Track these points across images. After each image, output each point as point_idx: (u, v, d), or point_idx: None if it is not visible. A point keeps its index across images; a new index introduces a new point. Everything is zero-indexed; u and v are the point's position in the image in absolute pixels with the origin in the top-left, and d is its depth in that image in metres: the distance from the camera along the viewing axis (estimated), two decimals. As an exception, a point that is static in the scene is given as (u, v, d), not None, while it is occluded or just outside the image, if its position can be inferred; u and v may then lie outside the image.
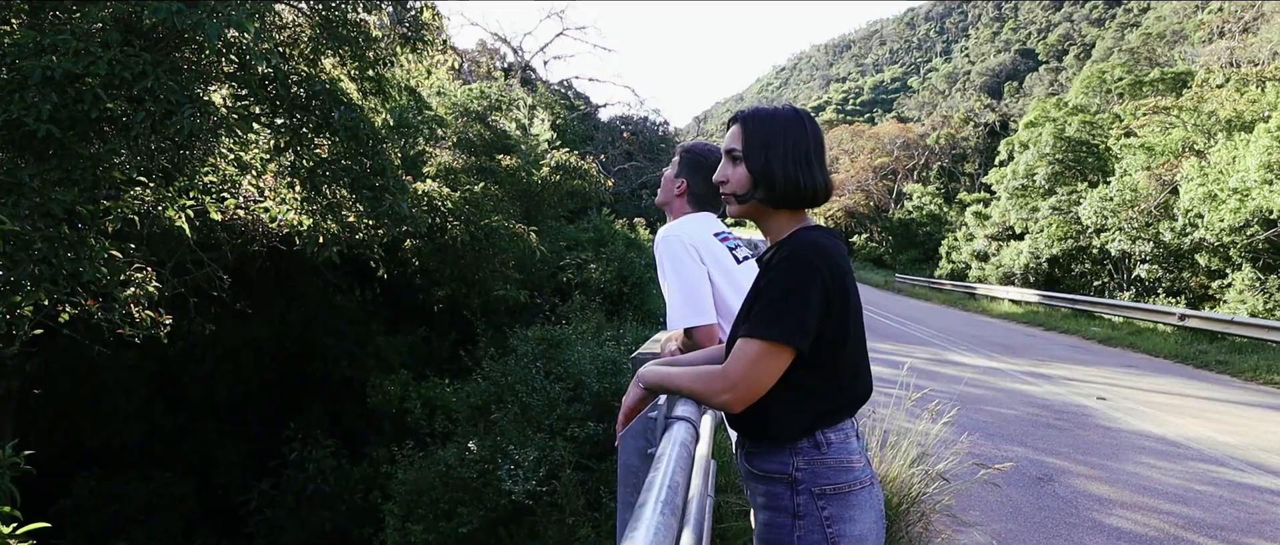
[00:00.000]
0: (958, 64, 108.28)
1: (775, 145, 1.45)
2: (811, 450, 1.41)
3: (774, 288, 1.34)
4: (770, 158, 1.44)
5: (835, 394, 1.42)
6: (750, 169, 1.46)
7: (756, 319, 1.34)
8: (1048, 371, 9.10)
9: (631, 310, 12.85)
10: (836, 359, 1.39)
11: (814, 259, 1.34)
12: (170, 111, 4.44)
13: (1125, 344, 11.72)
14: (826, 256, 1.35)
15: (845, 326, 1.38)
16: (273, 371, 9.86)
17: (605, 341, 7.53)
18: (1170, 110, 19.10)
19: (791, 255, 1.36)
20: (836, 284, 1.35)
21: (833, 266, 1.35)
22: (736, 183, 1.48)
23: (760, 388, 1.34)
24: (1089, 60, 58.75)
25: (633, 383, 1.69)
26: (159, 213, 5.10)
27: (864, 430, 4.31)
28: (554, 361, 7.03)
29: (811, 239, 1.40)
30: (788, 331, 1.31)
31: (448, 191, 7.89)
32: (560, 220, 13.86)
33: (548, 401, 6.22)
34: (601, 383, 6.47)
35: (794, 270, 1.34)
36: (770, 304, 1.33)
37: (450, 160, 10.01)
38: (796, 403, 1.39)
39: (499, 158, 10.95)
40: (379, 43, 6.70)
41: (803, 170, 1.44)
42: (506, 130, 12.61)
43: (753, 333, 1.34)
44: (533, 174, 10.91)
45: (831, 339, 1.37)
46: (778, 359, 1.33)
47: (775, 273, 1.36)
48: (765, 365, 1.33)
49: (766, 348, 1.32)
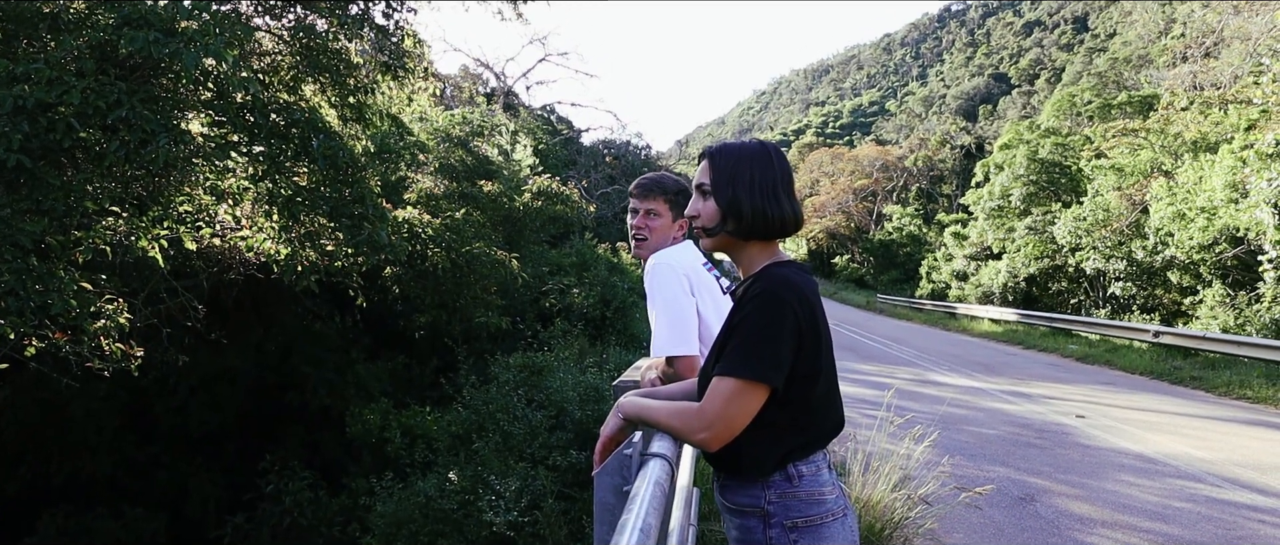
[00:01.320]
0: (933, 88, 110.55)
1: (742, 178, 1.47)
2: (783, 483, 1.42)
3: (747, 325, 1.35)
4: (738, 191, 1.46)
5: (807, 428, 1.42)
6: (719, 203, 1.48)
7: (731, 357, 1.35)
8: (1028, 390, 9.17)
9: (614, 335, 12.84)
10: (808, 394, 1.40)
11: (785, 295, 1.36)
12: (145, 140, 4.39)
13: (1102, 361, 11.87)
14: (797, 292, 1.37)
15: (816, 362, 1.39)
16: (249, 402, 9.68)
17: (588, 367, 7.49)
18: (1138, 132, 19.59)
19: (763, 292, 1.37)
20: (807, 320, 1.36)
21: (803, 302, 1.37)
22: (707, 216, 1.51)
23: (736, 426, 1.34)
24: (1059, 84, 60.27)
25: (612, 412, 1.67)
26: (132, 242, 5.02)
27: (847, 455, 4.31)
28: (536, 389, 6.99)
29: (782, 275, 1.41)
30: (763, 370, 1.32)
31: (428, 218, 7.85)
32: (542, 245, 13.85)
33: (529, 430, 6.17)
34: (584, 410, 6.45)
35: (766, 307, 1.35)
36: (744, 342, 1.34)
37: (432, 186, 9.99)
38: (768, 438, 1.39)
39: (481, 183, 10.96)
40: (360, 70, 6.69)
41: (770, 202, 1.46)
42: (489, 155, 12.63)
43: (728, 371, 1.34)
44: (515, 199, 10.92)
45: (803, 374, 1.38)
46: (753, 397, 1.34)
47: (748, 310, 1.37)
48: (741, 404, 1.33)
49: (742, 386, 1.33)
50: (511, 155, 14.36)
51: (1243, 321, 12.42)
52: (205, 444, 9.53)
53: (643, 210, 2.42)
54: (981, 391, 9.04)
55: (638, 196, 2.42)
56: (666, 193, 2.43)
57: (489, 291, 9.03)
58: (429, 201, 9.50)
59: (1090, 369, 11.36)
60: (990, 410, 7.85)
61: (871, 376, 10.41)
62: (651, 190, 2.42)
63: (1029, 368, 11.40)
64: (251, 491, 8.72)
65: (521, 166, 14.19)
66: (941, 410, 7.51)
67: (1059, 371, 11.03)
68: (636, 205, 2.42)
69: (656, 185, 2.42)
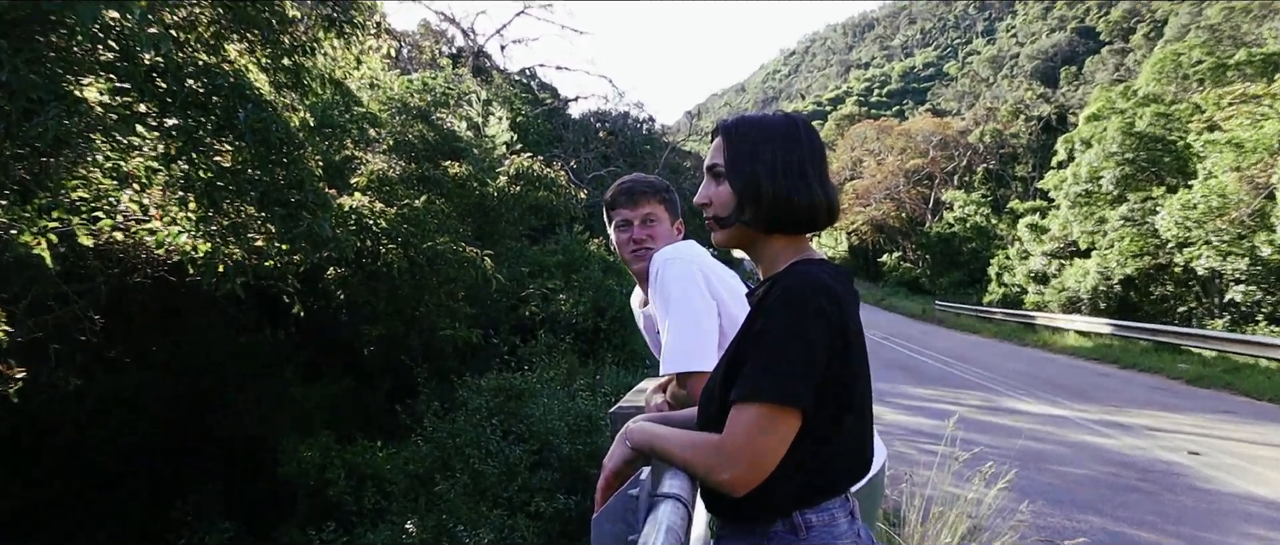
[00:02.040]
0: (1003, 46, 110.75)
1: (762, 157, 1.48)
2: (787, 535, 1.41)
3: (770, 334, 1.34)
4: (758, 172, 1.47)
5: (827, 467, 1.42)
6: (734, 186, 1.49)
7: (753, 376, 1.34)
8: (1127, 420, 9.16)
9: (610, 352, 12.92)
10: (830, 424, 1.40)
11: (815, 297, 1.35)
12: (31, 111, 4.39)
13: (1220, 384, 11.87)
14: (832, 298, 1.37)
15: (846, 385, 1.39)
16: (157, 434, 9.67)
17: (578, 392, 7.51)
18: (1261, 99, 19.54)
19: (790, 293, 1.36)
20: (840, 330, 1.36)
21: (837, 307, 1.36)
22: (720, 203, 1.52)
23: (767, 463, 1.34)
24: (1161, 40, 60.26)
25: (618, 439, 1.67)
26: (12, 237, 5.02)
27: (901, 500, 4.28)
28: (514, 418, 7.05)
29: (812, 274, 1.41)
30: (794, 388, 1.31)
31: (382, 207, 7.85)
32: (522, 241, 13.88)
33: (506, 468, 6.22)
34: (573, 444, 6.51)
35: (792, 311, 1.34)
36: (768, 355, 1.33)
37: (385, 168, 9.99)
38: (775, 476, 1.38)
39: (446, 165, 10.96)
40: (296, 26, 6.69)
41: (797, 186, 1.47)
42: (455, 130, 12.62)
43: (751, 394, 1.33)
44: (488, 184, 10.91)
45: (832, 400, 1.37)
46: (785, 425, 1.33)
47: (772, 316, 1.36)
48: (771, 435, 1.32)
49: (770, 413, 1.32)
50: (484, 130, 14.38)
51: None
52: (102, 488, 9.50)
53: (638, 219, 2.49)
54: (1068, 421, 9.03)
55: (626, 205, 2.50)
56: (658, 192, 2.52)
57: (455, 297, 9.05)
58: (382, 187, 9.46)
59: (1205, 394, 11.37)
60: (1079, 445, 7.83)
61: (930, 402, 10.40)
62: (643, 194, 2.50)
63: (1127, 392, 11.39)
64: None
65: (496, 144, 14.22)
66: (1018, 444, 7.50)
67: (1165, 397, 11.03)
68: (627, 216, 2.50)
69: (645, 187, 2.52)
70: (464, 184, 11.03)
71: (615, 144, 30.60)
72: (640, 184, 2.52)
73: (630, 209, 2.49)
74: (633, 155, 31.45)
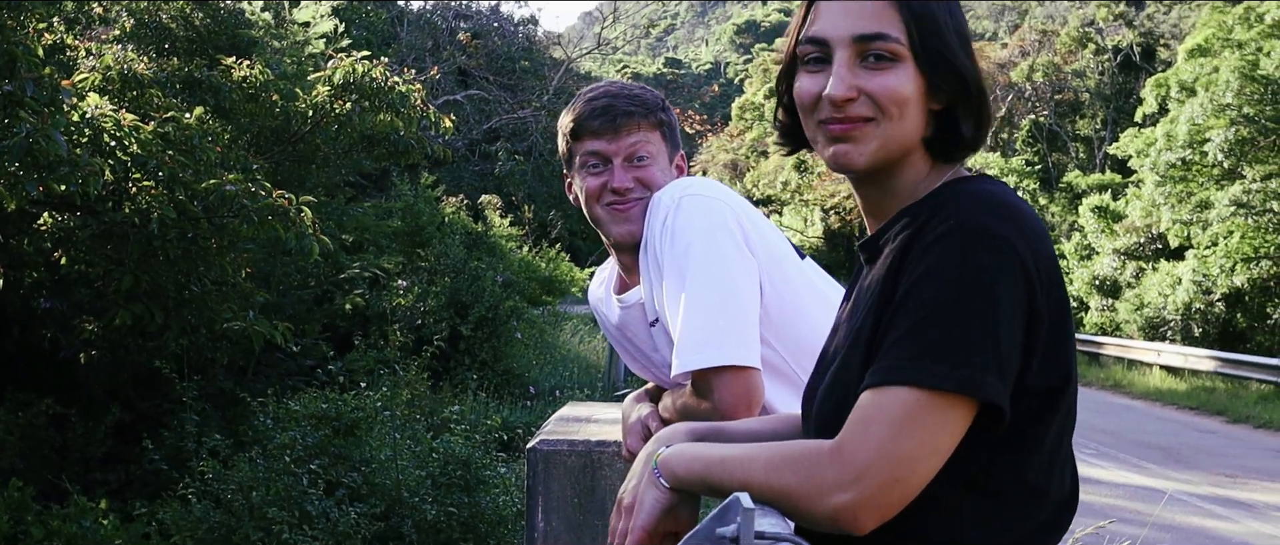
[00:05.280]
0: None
1: (954, 27, 1.51)
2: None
3: (930, 292, 1.36)
4: (956, 49, 1.50)
5: (1040, 495, 1.45)
6: (930, 73, 1.49)
7: (902, 350, 1.35)
8: (1246, 496, 9.67)
9: (476, 371, 12.82)
10: (1043, 424, 1.43)
11: (1009, 235, 1.36)
12: None
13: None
14: (1026, 230, 1.39)
15: (1061, 366, 1.42)
16: None
17: (452, 423, 7.50)
18: None
19: (960, 229, 1.37)
20: (1046, 282, 1.39)
21: (1039, 248, 1.39)
22: (905, 103, 1.49)
23: (914, 480, 1.34)
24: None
25: (639, 475, 1.62)
26: None
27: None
28: (344, 462, 6.99)
29: (991, 196, 1.44)
30: (971, 374, 1.32)
31: (133, 119, 7.55)
32: (345, 191, 13.61)
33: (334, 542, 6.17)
34: (443, 506, 6.47)
35: (975, 256, 1.35)
36: (927, 322, 1.34)
37: (124, 62, 9.57)
38: (973, 511, 1.41)
39: (227, 63, 10.60)
40: None
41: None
42: (243, 8, 12.23)
43: (899, 375, 1.34)
44: (298, 98, 10.61)
45: (1041, 386, 1.40)
46: (950, 423, 1.34)
47: (935, 262, 1.37)
48: (924, 436, 1.33)
49: (927, 402, 1.32)
50: (289, 13, 13.99)
51: None
52: None
53: (621, 154, 2.46)
54: (1163, 496, 9.45)
55: (604, 133, 2.46)
56: (651, 111, 2.51)
57: (240, 272, 8.81)
58: (126, 90, 9.09)
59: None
60: (1185, 531, 8.22)
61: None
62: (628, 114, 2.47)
63: (1242, 456, 11.99)
64: None
65: (310, 36, 13.87)
66: (1093, 530, 7.79)
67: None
68: (603, 149, 2.46)
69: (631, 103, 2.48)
70: (256, 95, 10.68)
71: (482, 56, 30.34)
72: (623, 99, 2.49)
73: (609, 138, 2.46)
74: (507, 73, 31.27)
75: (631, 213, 2.44)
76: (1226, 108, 22.19)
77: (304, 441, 6.81)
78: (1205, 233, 22.43)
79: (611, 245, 2.56)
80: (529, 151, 29.10)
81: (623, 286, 2.65)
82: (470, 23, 32.02)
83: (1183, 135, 23.36)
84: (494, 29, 32.23)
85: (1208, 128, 22.61)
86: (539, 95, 29.90)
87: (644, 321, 2.54)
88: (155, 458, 8.01)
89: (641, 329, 2.57)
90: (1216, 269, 21.46)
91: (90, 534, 7.88)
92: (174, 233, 7.56)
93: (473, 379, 12.31)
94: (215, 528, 6.49)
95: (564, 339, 18.47)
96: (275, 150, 11.06)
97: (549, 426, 4.67)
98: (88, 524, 7.98)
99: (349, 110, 10.63)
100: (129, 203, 7.52)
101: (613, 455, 4.21)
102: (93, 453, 9.76)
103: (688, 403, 2.34)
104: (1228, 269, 21.20)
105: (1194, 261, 22.21)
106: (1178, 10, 42.32)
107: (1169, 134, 23.88)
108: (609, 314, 2.72)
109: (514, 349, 14.37)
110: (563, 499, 4.28)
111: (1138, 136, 26.64)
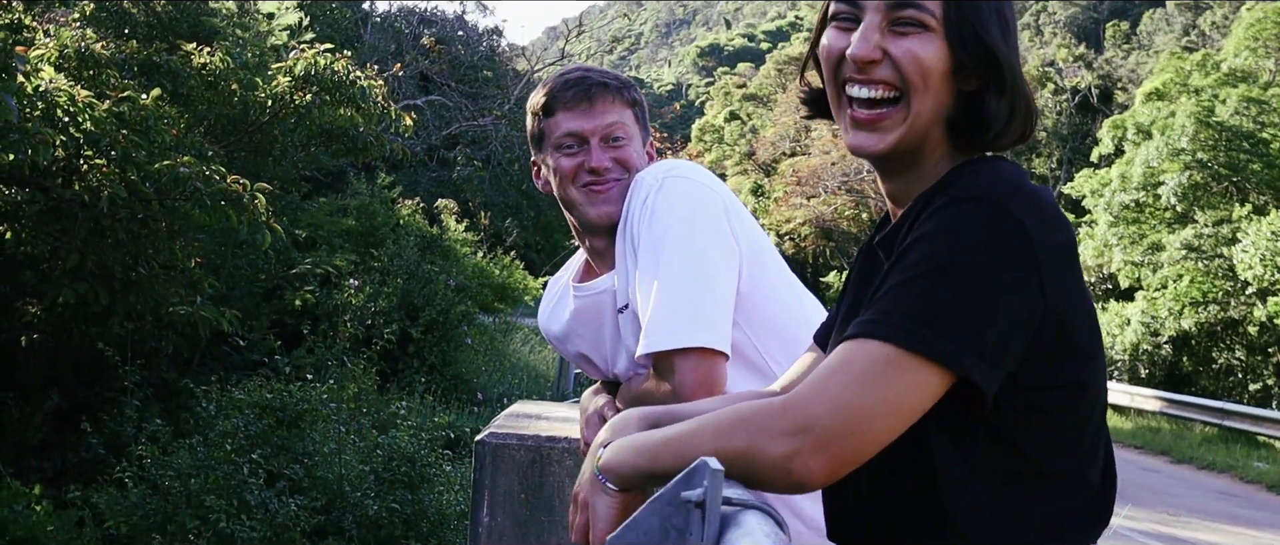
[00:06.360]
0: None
1: (988, 11, 1.49)
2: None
3: (931, 251, 1.34)
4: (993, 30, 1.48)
5: (1068, 481, 1.43)
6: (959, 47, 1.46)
7: (884, 305, 1.34)
8: (1188, 534, 9.79)
9: (428, 376, 12.80)
10: (1059, 410, 1.41)
11: (1020, 215, 1.34)
12: None
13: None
14: (1041, 214, 1.37)
15: (1090, 358, 1.42)
16: None
17: (397, 417, 7.49)
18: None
19: (973, 199, 1.36)
20: (1057, 272, 1.36)
21: (1055, 237, 1.37)
22: (929, 72, 1.47)
23: (870, 436, 1.30)
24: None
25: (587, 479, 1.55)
26: None
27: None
28: (285, 453, 7.02)
29: (1006, 174, 1.43)
30: (950, 345, 1.30)
31: (87, 94, 7.48)
32: (300, 185, 13.52)
33: (273, 532, 6.15)
34: (385, 501, 6.47)
35: (980, 228, 1.34)
36: (919, 281, 1.33)
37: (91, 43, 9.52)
38: (998, 500, 1.39)
39: (187, 50, 10.54)
40: None
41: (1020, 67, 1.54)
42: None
43: (874, 329, 1.32)
44: (258, 87, 10.56)
45: (1068, 379, 1.40)
46: (917, 387, 1.31)
47: (937, 225, 1.35)
48: (888, 393, 1.30)
49: (899, 359, 1.30)
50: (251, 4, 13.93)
51: None
52: None
53: (598, 134, 2.42)
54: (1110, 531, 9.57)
55: (578, 104, 2.42)
56: (624, 88, 2.49)
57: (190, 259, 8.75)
58: (84, 67, 9.02)
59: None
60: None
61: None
62: (602, 90, 2.44)
63: (1185, 496, 12.15)
64: None
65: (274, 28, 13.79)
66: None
67: (1237, 506, 11.78)
68: (579, 128, 2.42)
69: (605, 80, 2.46)
70: (215, 83, 10.62)
71: (445, 61, 30.30)
72: (595, 73, 2.48)
73: (584, 111, 2.42)
74: (469, 81, 31.25)
75: (610, 193, 2.40)
76: (1181, 152, 22.67)
77: (246, 431, 6.80)
78: (1155, 275, 22.85)
79: (584, 230, 2.50)
80: (488, 159, 29.06)
81: (586, 276, 2.61)
82: (436, 28, 31.98)
83: (1137, 177, 23.84)
84: (458, 37, 32.20)
85: (1162, 171, 23.11)
86: (500, 104, 29.89)
87: (610, 308, 2.48)
88: (93, 443, 7.97)
89: (606, 317, 2.51)
90: (1165, 311, 21.86)
91: (21, 519, 7.76)
92: (124, 213, 7.52)
93: (421, 382, 12.30)
94: (151, 514, 6.46)
95: (515, 347, 18.47)
96: (232, 139, 11.01)
97: (499, 421, 4.64)
98: (20, 508, 7.86)
99: (309, 102, 10.62)
100: (79, 180, 7.47)
101: (562, 451, 4.18)
102: (29, 439, 9.65)
103: (647, 387, 2.31)
104: (1176, 312, 21.59)
105: (1143, 303, 22.63)
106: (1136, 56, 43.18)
107: (1124, 175, 24.37)
108: (562, 305, 2.65)
109: (464, 354, 14.37)
110: (510, 494, 4.24)
111: (1093, 177, 27.15)
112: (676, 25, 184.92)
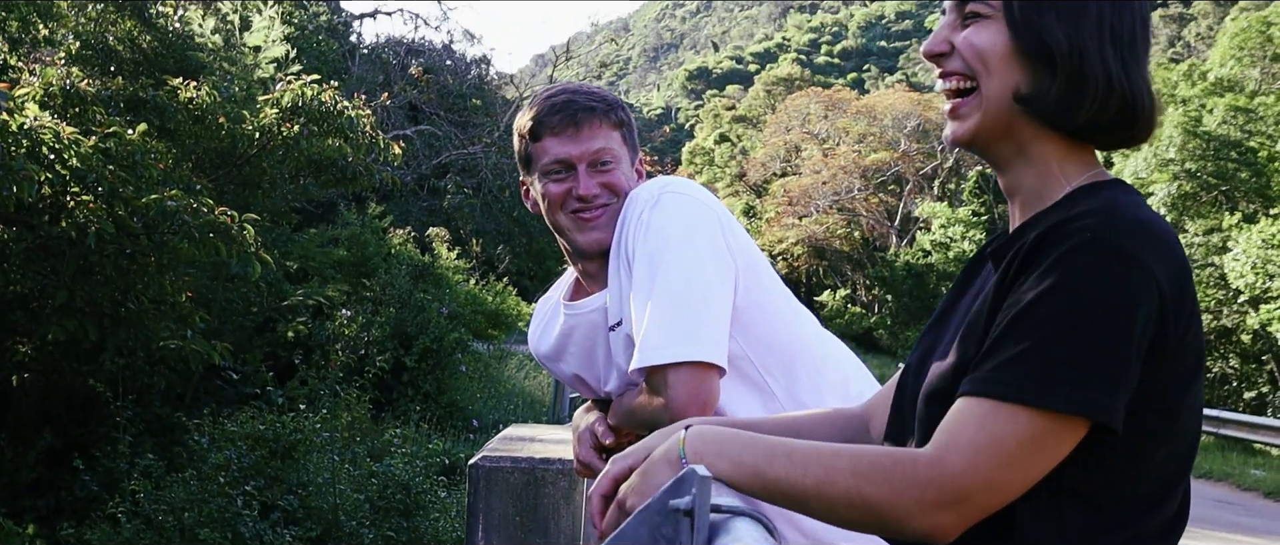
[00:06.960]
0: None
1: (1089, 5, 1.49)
2: None
3: (1060, 305, 1.33)
4: (1081, 27, 1.47)
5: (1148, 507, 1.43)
6: (1022, 38, 1.48)
7: (1021, 364, 1.33)
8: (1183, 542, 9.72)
9: (422, 405, 12.80)
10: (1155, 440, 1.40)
11: (1141, 254, 1.34)
12: None
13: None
14: (1161, 248, 1.37)
15: (1192, 379, 1.42)
16: None
17: (392, 445, 7.50)
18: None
19: (1096, 243, 1.35)
20: (1178, 304, 1.36)
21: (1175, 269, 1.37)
22: (987, 57, 1.50)
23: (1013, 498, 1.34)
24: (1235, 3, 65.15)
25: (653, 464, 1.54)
26: None
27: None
28: (279, 484, 7.03)
29: (1130, 211, 1.41)
30: (1092, 394, 1.30)
31: (72, 132, 7.50)
32: (289, 219, 13.53)
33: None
34: (381, 529, 6.49)
35: (1103, 275, 1.33)
36: (1054, 339, 1.32)
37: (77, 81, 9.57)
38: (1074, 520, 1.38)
39: (174, 84, 10.59)
40: None
41: (1131, 63, 1.49)
42: (192, 32, 12.21)
43: (1016, 392, 1.32)
44: (246, 120, 10.60)
45: (1160, 405, 1.39)
46: (1061, 444, 1.32)
47: (1063, 277, 1.34)
48: (1037, 460, 1.32)
49: (1044, 424, 1.31)
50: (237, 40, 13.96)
51: None
52: None
53: (586, 159, 2.40)
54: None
55: (564, 129, 2.39)
56: (612, 110, 2.46)
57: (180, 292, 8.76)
58: (70, 105, 9.06)
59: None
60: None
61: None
62: (588, 113, 2.41)
63: (1181, 502, 12.09)
64: None
65: (260, 60, 13.83)
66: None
67: (1235, 513, 11.79)
68: (566, 154, 2.39)
69: (592, 102, 2.43)
70: (202, 116, 10.66)
71: (433, 91, 30.40)
72: (582, 95, 2.44)
73: (570, 135, 2.39)
74: (458, 110, 31.34)
75: (598, 220, 2.38)
76: (1170, 162, 22.79)
77: (239, 462, 6.82)
78: (1147, 287, 22.80)
79: (574, 254, 2.49)
80: (478, 187, 29.14)
81: (577, 294, 2.60)
82: (425, 58, 32.13)
83: (1125, 190, 23.84)
84: (446, 66, 32.35)
85: (1151, 181, 23.22)
86: (490, 132, 29.99)
87: (602, 327, 2.46)
88: (86, 480, 7.99)
89: (598, 335, 2.50)
90: (1156, 321, 21.74)
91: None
92: (112, 248, 7.54)
93: (416, 410, 12.30)
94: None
95: (509, 373, 18.44)
96: (220, 172, 11.05)
97: (492, 444, 4.65)
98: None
99: (296, 134, 10.66)
100: (66, 216, 7.48)
101: (556, 473, 4.18)
102: (22, 479, 9.65)
103: (639, 401, 2.30)
104: (1168, 322, 21.49)
105: (1136, 314, 22.52)
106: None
107: (1112, 189, 24.38)
108: (552, 328, 2.64)
109: (458, 382, 14.39)
110: (504, 518, 4.24)
111: (1081, 189, 27.11)
112: (664, 49, 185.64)
